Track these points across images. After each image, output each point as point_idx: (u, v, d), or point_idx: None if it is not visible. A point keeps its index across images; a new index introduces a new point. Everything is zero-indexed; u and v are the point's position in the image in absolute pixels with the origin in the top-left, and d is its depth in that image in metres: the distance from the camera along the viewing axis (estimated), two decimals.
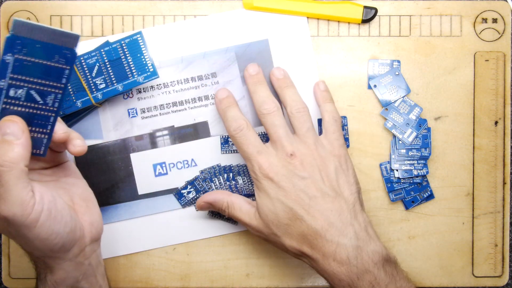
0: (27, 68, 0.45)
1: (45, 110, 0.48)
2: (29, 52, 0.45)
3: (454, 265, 0.67)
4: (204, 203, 0.62)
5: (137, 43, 0.62)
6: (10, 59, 0.44)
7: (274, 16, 0.66)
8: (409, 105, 0.66)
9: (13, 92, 0.46)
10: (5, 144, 0.45)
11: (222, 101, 0.60)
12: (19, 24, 0.43)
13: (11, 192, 0.45)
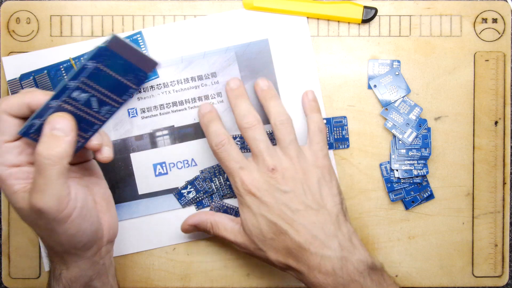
0: (100, 77, 0.47)
1: (95, 118, 0.49)
2: (110, 65, 0.47)
3: (454, 265, 0.67)
4: (189, 226, 0.62)
5: (137, 43, 0.62)
6: (91, 66, 0.46)
7: (274, 16, 0.66)
8: (409, 105, 0.66)
9: (77, 94, 0.47)
10: (53, 138, 0.46)
11: (205, 116, 0.60)
12: (115, 39, 0.45)
13: (51, 186, 0.45)
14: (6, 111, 0.47)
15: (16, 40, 0.66)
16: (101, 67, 0.46)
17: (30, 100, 0.48)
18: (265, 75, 0.66)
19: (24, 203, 0.47)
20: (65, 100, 0.47)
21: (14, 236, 0.67)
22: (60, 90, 0.47)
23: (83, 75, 0.46)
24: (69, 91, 0.47)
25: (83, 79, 0.47)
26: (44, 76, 0.62)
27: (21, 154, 0.48)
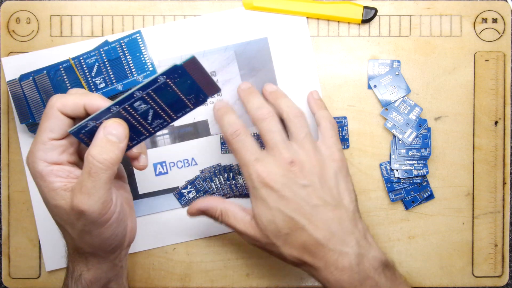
0: (164, 93, 0.48)
1: (145, 128, 0.50)
2: (178, 83, 0.47)
3: (454, 265, 0.67)
4: (196, 210, 0.58)
5: (136, 42, 0.62)
6: (161, 80, 0.47)
7: (274, 16, 0.66)
8: (409, 105, 0.66)
9: (138, 103, 0.48)
10: (107, 143, 0.47)
11: (220, 109, 0.58)
12: (193, 61, 0.47)
13: (99, 190, 0.46)
14: (60, 108, 0.47)
15: (16, 40, 0.66)
16: (169, 83, 0.47)
17: (87, 102, 0.48)
18: (264, 74, 0.66)
19: (63, 202, 0.47)
20: (125, 107, 0.48)
21: (14, 236, 0.67)
22: (125, 97, 0.47)
23: (151, 88, 0.47)
24: (133, 100, 0.47)
25: (150, 91, 0.47)
26: (43, 76, 0.62)
27: (63, 153, 0.48)
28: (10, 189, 0.67)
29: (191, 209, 0.59)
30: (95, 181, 0.46)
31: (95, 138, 0.47)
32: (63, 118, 0.48)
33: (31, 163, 0.47)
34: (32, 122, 0.63)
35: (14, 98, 0.63)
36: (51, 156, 0.47)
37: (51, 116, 0.47)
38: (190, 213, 0.59)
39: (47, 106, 0.48)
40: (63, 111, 0.48)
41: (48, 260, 0.66)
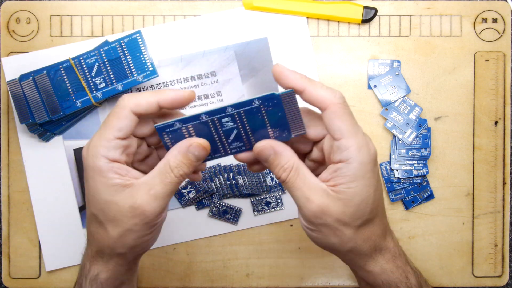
0: (254, 117, 0.47)
1: (223, 147, 0.50)
2: (269, 111, 0.47)
3: (454, 265, 0.67)
4: (271, 146, 0.49)
5: (136, 42, 0.62)
6: (255, 104, 0.47)
7: (274, 16, 0.66)
8: (409, 105, 0.66)
9: (226, 120, 0.48)
10: (188, 161, 0.48)
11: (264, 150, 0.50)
12: (291, 95, 0.46)
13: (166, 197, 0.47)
14: (133, 109, 0.47)
15: (16, 40, 0.66)
16: (262, 109, 0.47)
17: (161, 98, 0.48)
18: (264, 74, 0.66)
19: (120, 198, 0.47)
20: (213, 119, 0.47)
21: (14, 236, 0.67)
22: (216, 109, 0.47)
23: (244, 108, 0.47)
24: (224, 116, 0.47)
25: (242, 112, 0.47)
26: (43, 76, 0.62)
27: (123, 153, 0.48)
28: (10, 189, 0.67)
29: (261, 145, 0.49)
30: (165, 189, 0.47)
31: (178, 152, 0.47)
32: (133, 118, 0.48)
33: (92, 157, 0.47)
34: (32, 122, 0.63)
35: (14, 98, 0.63)
36: (113, 154, 0.47)
37: (122, 116, 0.47)
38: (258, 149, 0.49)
39: (119, 106, 0.47)
40: (136, 110, 0.47)
41: (48, 260, 0.66)
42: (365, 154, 0.47)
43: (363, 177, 0.47)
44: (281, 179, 0.48)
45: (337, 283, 0.67)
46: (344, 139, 0.46)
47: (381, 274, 0.52)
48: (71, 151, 0.66)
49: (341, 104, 0.46)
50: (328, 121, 0.46)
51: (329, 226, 0.48)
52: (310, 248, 0.67)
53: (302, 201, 0.47)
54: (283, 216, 0.67)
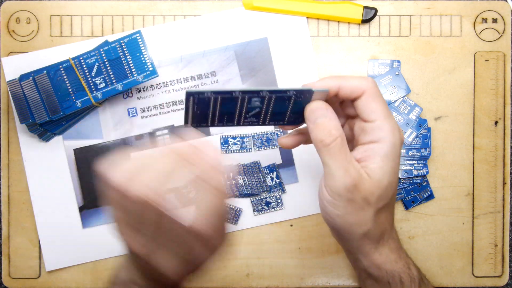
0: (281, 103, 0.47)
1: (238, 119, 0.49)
2: (297, 102, 0.47)
3: (454, 265, 0.67)
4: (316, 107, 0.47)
5: (136, 42, 0.62)
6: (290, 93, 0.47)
7: (274, 16, 0.66)
8: (409, 105, 0.66)
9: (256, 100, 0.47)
10: None
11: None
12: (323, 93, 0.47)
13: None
14: None
15: (16, 40, 0.66)
16: (292, 99, 0.47)
17: None
18: (264, 74, 0.66)
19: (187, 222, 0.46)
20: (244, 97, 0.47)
21: (14, 236, 0.67)
22: (251, 90, 0.47)
23: (278, 94, 0.47)
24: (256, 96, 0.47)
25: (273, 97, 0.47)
26: (43, 76, 0.62)
27: None
28: (10, 189, 0.67)
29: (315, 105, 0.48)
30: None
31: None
32: None
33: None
34: (32, 122, 0.63)
35: (14, 98, 0.63)
36: None
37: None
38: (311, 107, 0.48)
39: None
40: None
41: (48, 260, 0.66)
42: (397, 136, 0.48)
43: (393, 159, 0.48)
44: (324, 142, 0.46)
45: (337, 283, 0.67)
46: (379, 120, 0.47)
47: (386, 263, 0.52)
48: (71, 151, 0.66)
49: (375, 88, 0.47)
50: (364, 104, 0.47)
51: (355, 203, 0.47)
52: (310, 248, 0.67)
53: (339, 172, 0.46)
54: (283, 216, 0.67)
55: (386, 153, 0.47)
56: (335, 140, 0.46)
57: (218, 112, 0.47)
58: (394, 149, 0.47)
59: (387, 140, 0.47)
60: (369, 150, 0.47)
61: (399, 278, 0.52)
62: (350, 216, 0.48)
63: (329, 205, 0.48)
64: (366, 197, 0.47)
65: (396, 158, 0.48)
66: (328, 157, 0.46)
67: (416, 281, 0.54)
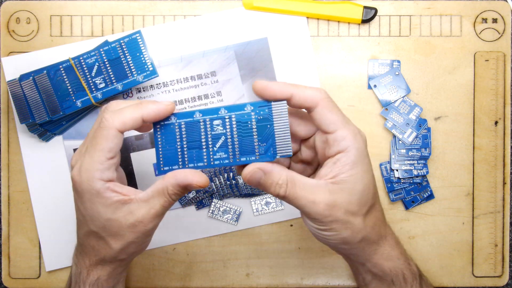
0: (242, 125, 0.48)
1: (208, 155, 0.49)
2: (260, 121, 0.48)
3: (454, 265, 0.67)
4: (258, 169, 0.48)
5: (136, 42, 0.62)
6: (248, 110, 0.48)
7: (274, 16, 0.66)
8: (409, 105, 0.66)
9: (217, 123, 0.48)
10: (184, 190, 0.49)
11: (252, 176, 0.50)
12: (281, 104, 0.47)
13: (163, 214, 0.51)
14: (120, 128, 0.48)
15: (16, 40, 0.66)
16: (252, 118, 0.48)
17: (145, 113, 0.48)
18: (264, 74, 0.66)
19: (120, 215, 0.49)
20: (205, 120, 0.48)
21: (14, 236, 0.67)
22: (210, 109, 0.48)
23: (236, 113, 0.48)
24: (216, 117, 0.48)
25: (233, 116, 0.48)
26: (43, 76, 0.62)
27: (114, 170, 0.49)
28: (10, 189, 0.67)
29: (249, 171, 0.48)
30: (164, 208, 0.49)
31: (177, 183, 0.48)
32: (120, 136, 0.48)
33: (87, 181, 0.48)
34: (32, 122, 0.63)
35: (14, 98, 0.63)
36: (107, 174, 0.48)
37: (110, 137, 0.48)
38: (248, 176, 0.48)
39: (104, 127, 0.48)
40: (123, 129, 0.48)
41: (48, 260, 0.66)
42: (360, 140, 0.48)
43: (362, 163, 0.48)
44: (280, 195, 0.48)
45: (337, 283, 0.67)
46: (339, 130, 0.47)
47: (388, 261, 0.53)
48: (71, 151, 0.66)
49: (329, 98, 0.48)
50: (320, 116, 0.47)
51: (339, 221, 0.48)
52: (310, 248, 0.67)
53: (309, 207, 0.47)
54: (283, 216, 0.67)
55: (353, 160, 0.48)
56: (287, 188, 0.47)
57: (186, 144, 0.48)
58: (360, 154, 0.48)
59: (352, 148, 0.48)
60: (337, 161, 0.48)
61: (402, 275, 0.53)
62: (341, 232, 0.49)
63: (318, 231, 0.49)
64: (347, 209, 0.48)
65: (364, 159, 0.49)
66: (292, 202, 0.48)
67: (417, 277, 0.55)
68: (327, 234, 0.49)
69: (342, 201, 0.48)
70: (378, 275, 0.53)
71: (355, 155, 0.48)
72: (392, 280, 0.53)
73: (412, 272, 0.54)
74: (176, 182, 0.48)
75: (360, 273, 0.55)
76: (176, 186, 0.48)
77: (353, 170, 0.48)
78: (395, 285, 0.53)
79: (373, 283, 0.55)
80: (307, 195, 0.47)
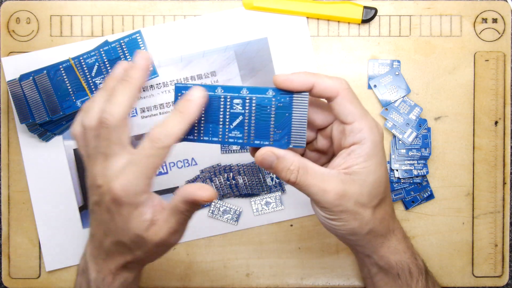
0: (261, 109, 0.48)
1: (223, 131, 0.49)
2: (279, 108, 0.48)
3: (454, 265, 0.67)
4: (272, 152, 0.47)
5: (136, 42, 0.62)
6: (269, 94, 0.47)
7: (274, 16, 0.66)
8: (409, 105, 0.66)
9: (237, 102, 0.48)
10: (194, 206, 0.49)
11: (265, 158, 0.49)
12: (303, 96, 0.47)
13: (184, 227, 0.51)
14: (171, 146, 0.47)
15: (16, 40, 0.66)
16: (272, 103, 0.47)
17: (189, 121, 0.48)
18: (264, 74, 0.66)
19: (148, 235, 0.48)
20: (226, 96, 0.48)
21: (14, 236, 0.67)
22: (232, 87, 0.48)
23: (257, 95, 0.47)
24: (237, 95, 0.47)
25: (254, 98, 0.47)
26: (43, 76, 0.62)
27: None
28: (10, 189, 0.67)
29: (262, 153, 0.48)
30: (181, 225, 0.49)
31: (185, 200, 0.47)
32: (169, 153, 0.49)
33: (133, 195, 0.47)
34: (32, 122, 0.63)
35: (14, 98, 0.63)
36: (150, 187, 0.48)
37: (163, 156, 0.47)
38: (260, 158, 0.48)
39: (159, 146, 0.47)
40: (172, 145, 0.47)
41: (48, 260, 0.66)
42: (376, 133, 0.48)
43: (376, 156, 0.48)
44: (291, 181, 0.48)
45: (337, 283, 0.67)
46: (356, 122, 0.47)
47: (395, 254, 0.53)
48: (71, 151, 0.66)
49: (349, 89, 0.48)
50: (339, 106, 0.47)
51: (348, 211, 0.48)
52: (310, 248, 0.67)
53: (319, 195, 0.48)
54: (283, 216, 0.67)
55: (368, 153, 0.48)
56: (298, 174, 0.47)
57: (204, 117, 0.48)
58: (375, 147, 0.48)
59: (367, 140, 0.48)
60: (351, 152, 0.48)
61: (408, 270, 0.53)
62: (350, 223, 0.49)
63: (326, 220, 0.49)
64: (357, 200, 0.48)
65: (379, 153, 0.49)
66: (302, 188, 0.48)
67: (423, 272, 0.54)
68: (335, 224, 0.49)
69: (353, 192, 0.48)
70: (384, 268, 0.53)
71: (370, 147, 0.48)
72: (398, 274, 0.53)
73: (419, 267, 0.54)
74: (183, 199, 0.47)
75: (366, 265, 0.55)
76: (184, 203, 0.48)
77: (367, 162, 0.48)
78: (400, 278, 0.53)
79: (378, 276, 0.55)
80: (318, 183, 0.47)
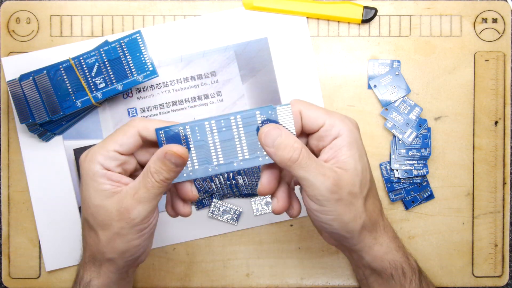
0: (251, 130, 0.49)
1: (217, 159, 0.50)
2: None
3: (454, 265, 0.67)
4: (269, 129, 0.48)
5: (136, 42, 0.62)
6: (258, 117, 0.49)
7: (274, 16, 0.66)
8: (409, 105, 0.66)
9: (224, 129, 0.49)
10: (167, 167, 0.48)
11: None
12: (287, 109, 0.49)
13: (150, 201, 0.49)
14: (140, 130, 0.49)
15: (16, 40, 0.66)
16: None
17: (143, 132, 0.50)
18: (264, 74, 0.66)
19: (109, 203, 0.49)
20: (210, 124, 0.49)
21: (14, 236, 0.67)
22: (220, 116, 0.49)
23: (242, 114, 0.48)
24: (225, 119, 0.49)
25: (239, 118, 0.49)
26: (43, 76, 0.62)
27: (120, 167, 0.50)
28: (10, 189, 0.67)
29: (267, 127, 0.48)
30: (148, 193, 0.48)
31: (157, 158, 0.48)
32: (137, 139, 0.49)
33: (88, 162, 0.49)
34: (32, 122, 0.63)
35: (14, 98, 0.63)
36: (109, 163, 0.49)
37: (127, 133, 0.49)
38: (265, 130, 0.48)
39: (129, 125, 0.49)
40: (142, 133, 0.49)
41: (48, 260, 0.66)
42: (349, 122, 0.49)
43: (356, 143, 0.49)
44: (293, 158, 0.47)
45: (337, 283, 0.67)
46: (326, 120, 0.48)
47: (388, 253, 0.52)
48: (71, 151, 0.66)
49: (301, 100, 0.49)
50: (306, 117, 0.49)
51: (343, 201, 0.48)
52: (310, 248, 0.67)
53: (318, 179, 0.47)
54: (283, 216, 0.67)
55: (349, 141, 0.49)
56: (301, 152, 0.47)
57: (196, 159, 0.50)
58: (353, 135, 0.49)
59: (344, 130, 0.48)
60: (333, 146, 0.48)
61: (401, 269, 0.53)
62: (344, 215, 0.48)
63: (320, 214, 0.49)
64: (350, 190, 0.48)
65: (358, 141, 0.50)
66: (302, 170, 0.47)
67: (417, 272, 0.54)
68: (329, 218, 0.49)
69: (346, 181, 0.48)
70: (377, 270, 0.53)
71: (349, 136, 0.49)
72: (391, 274, 0.53)
73: (411, 266, 0.54)
74: (156, 157, 0.48)
75: (359, 267, 0.55)
76: (156, 162, 0.48)
77: (351, 150, 0.49)
78: (394, 279, 0.53)
79: (372, 278, 0.55)
80: (318, 167, 0.47)
